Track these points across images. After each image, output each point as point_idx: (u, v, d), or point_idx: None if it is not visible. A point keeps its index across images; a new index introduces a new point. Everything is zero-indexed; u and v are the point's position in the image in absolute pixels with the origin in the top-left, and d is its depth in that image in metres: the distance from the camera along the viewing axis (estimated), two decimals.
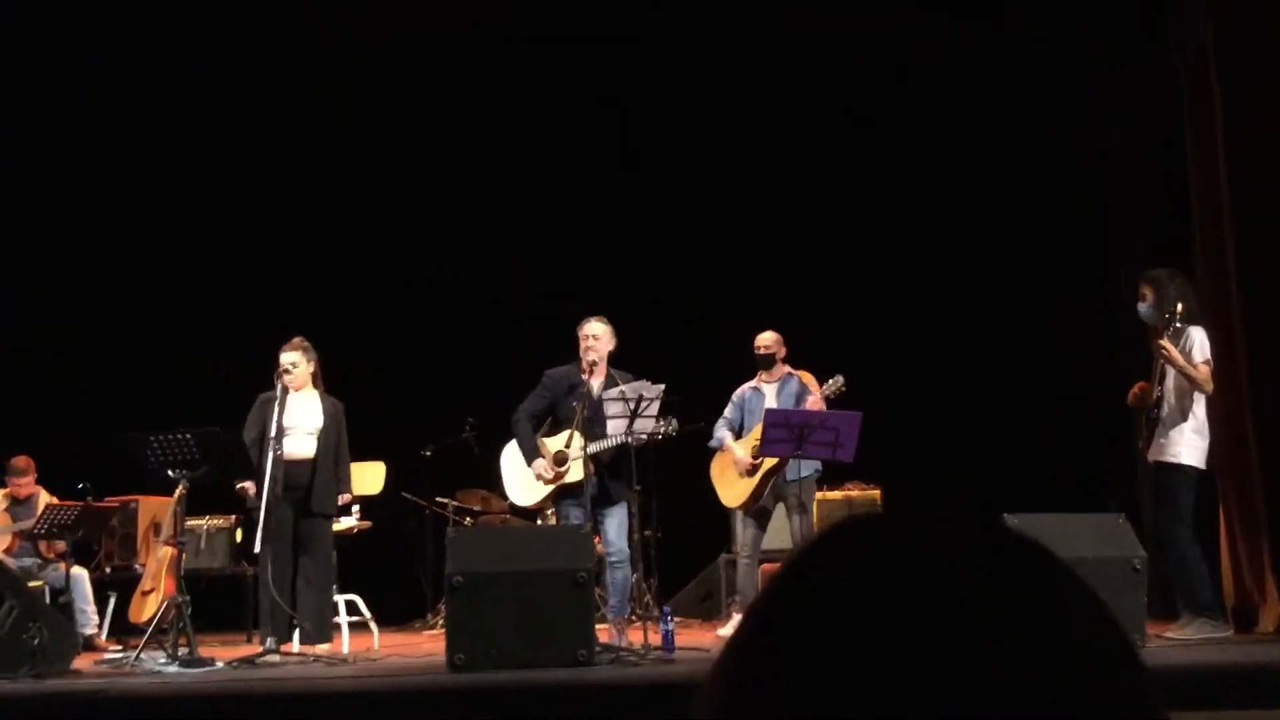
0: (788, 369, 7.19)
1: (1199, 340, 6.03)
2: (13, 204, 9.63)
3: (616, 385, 6.40)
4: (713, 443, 7.17)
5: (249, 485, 6.46)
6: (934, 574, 0.58)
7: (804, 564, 0.63)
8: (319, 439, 6.62)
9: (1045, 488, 7.54)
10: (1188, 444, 6.03)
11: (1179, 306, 5.99)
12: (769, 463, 6.84)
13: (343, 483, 6.84)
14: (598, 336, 6.54)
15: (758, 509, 7.05)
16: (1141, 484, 6.99)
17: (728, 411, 7.20)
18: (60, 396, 9.76)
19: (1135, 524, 5.91)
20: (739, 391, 7.24)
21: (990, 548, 0.61)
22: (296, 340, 6.72)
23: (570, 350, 6.66)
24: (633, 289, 9.06)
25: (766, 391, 7.13)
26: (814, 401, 6.82)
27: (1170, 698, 0.61)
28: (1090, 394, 8.14)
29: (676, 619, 6.38)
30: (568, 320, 6.80)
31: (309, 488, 6.56)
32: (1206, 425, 6.06)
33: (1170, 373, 6.08)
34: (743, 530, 7.19)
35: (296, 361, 6.63)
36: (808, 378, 7.11)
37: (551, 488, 6.52)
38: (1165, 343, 5.98)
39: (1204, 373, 5.98)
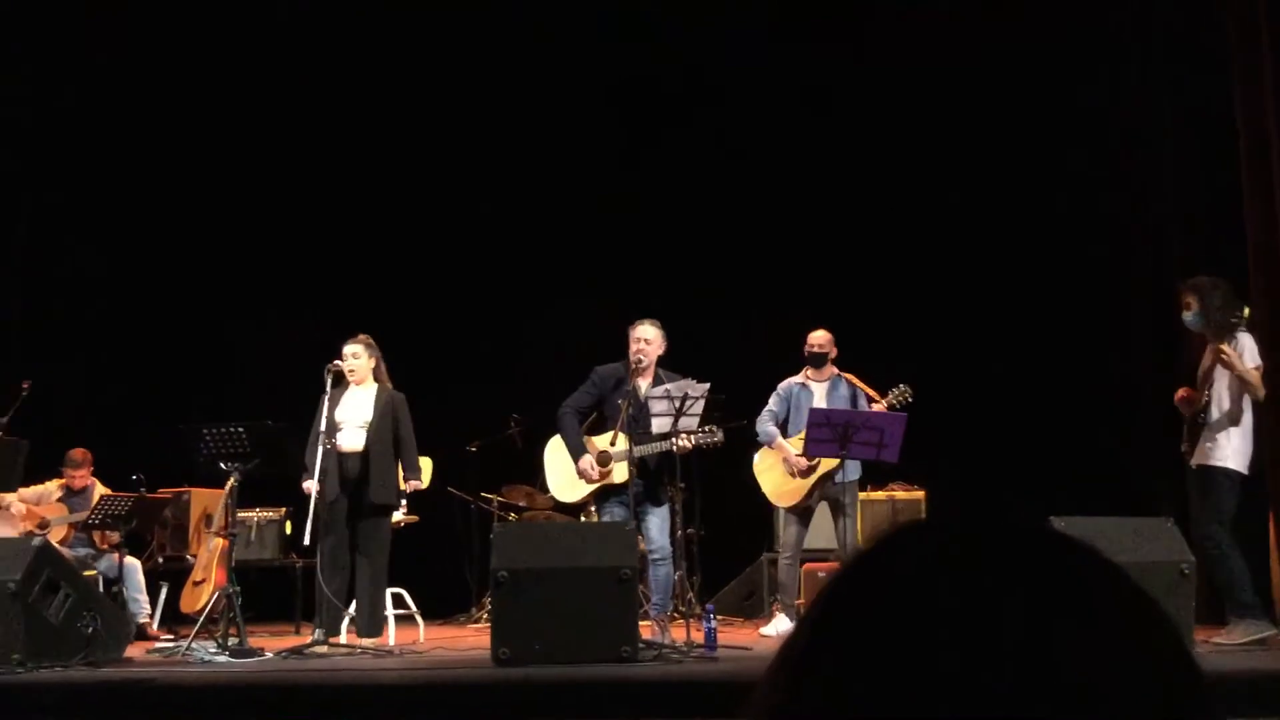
0: (836, 370, 7.16)
1: (1249, 346, 6.00)
2: (65, 196, 9.82)
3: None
4: (761, 437, 7.12)
5: (312, 484, 6.46)
6: (990, 581, 0.59)
7: (859, 570, 0.63)
8: (368, 432, 6.69)
9: (1092, 491, 7.47)
10: (1234, 448, 6.00)
11: (1245, 311, 5.98)
12: (826, 465, 6.80)
13: (409, 470, 6.83)
14: (649, 340, 6.51)
15: (803, 508, 7.03)
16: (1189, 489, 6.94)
17: (772, 404, 7.13)
18: (114, 389, 9.94)
19: (1184, 529, 5.87)
20: (785, 384, 7.17)
21: (1045, 553, 0.61)
22: (361, 336, 6.81)
23: (619, 348, 6.68)
24: (679, 286, 9.09)
25: (815, 390, 7.09)
26: (877, 407, 6.80)
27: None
28: (1139, 396, 8.07)
29: (719, 617, 6.39)
30: (614, 317, 6.82)
31: (363, 480, 6.63)
32: (1252, 430, 6.03)
33: (1219, 377, 6.04)
34: (785, 529, 7.18)
35: (358, 353, 6.72)
36: (857, 381, 7.08)
37: (594, 486, 6.55)
38: (1227, 348, 5.94)
39: (1256, 377, 5.95)
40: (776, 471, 7.07)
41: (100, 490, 7.91)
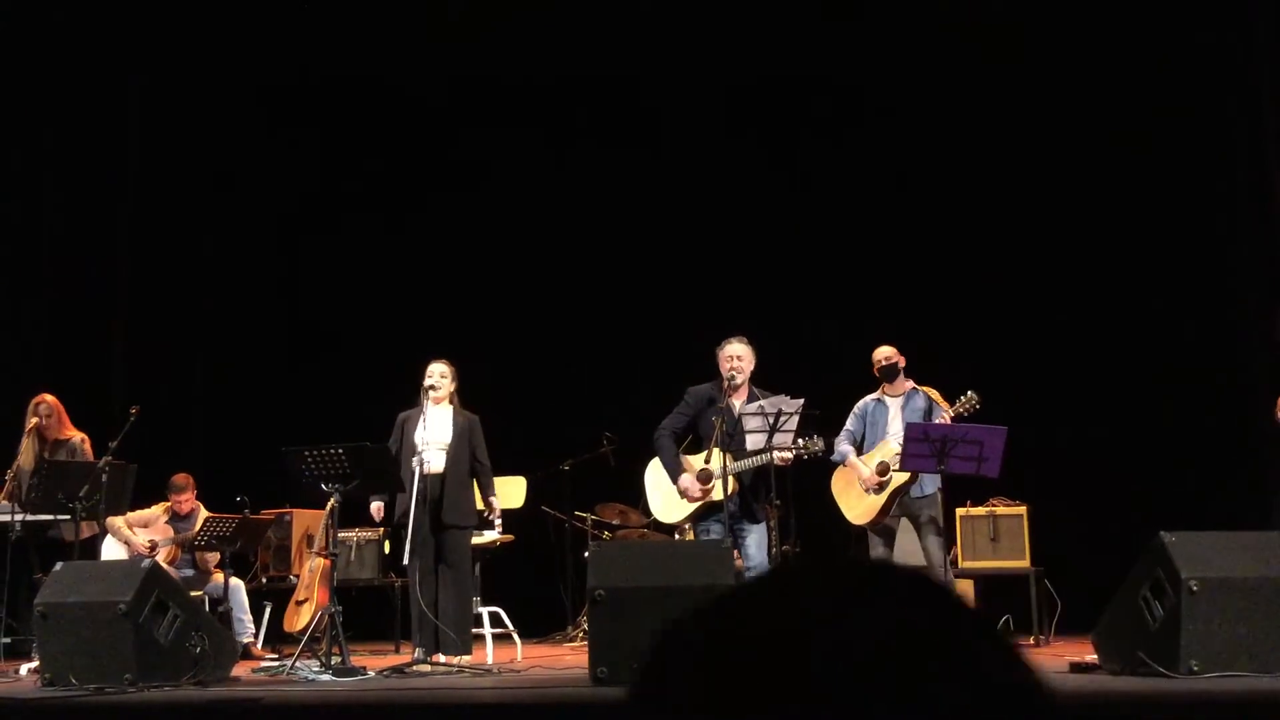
0: (911, 384, 7.05)
1: None
2: (166, 224, 10.09)
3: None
4: (835, 457, 7.03)
5: (379, 506, 6.64)
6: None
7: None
8: (447, 453, 6.76)
9: (1204, 505, 7.26)
10: None
11: None
12: (898, 479, 6.72)
13: (488, 491, 6.94)
14: (740, 357, 6.56)
15: (883, 526, 6.94)
16: None
17: (849, 423, 7.07)
18: (215, 413, 10.17)
19: None
20: (861, 403, 7.10)
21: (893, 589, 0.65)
22: (442, 359, 6.90)
23: (712, 366, 6.66)
24: (769, 304, 9.06)
25: (890, 405, 7.00)
26: (944, 419, 6.69)
27: None
28: (1254, 408, 7.82)
29: None
30: (707, 335, 6.81)
31: (441, 500, 6.70)
32: None
33: None
34: (871, 549, 7.08)
35: (445, 373, 6.82)
36: (933, 394, 6.96)
37: (696, 504, 6.53)
38: None
39: None
40: (852, 490, 6.99)
41: (204, 514, 8.08)
